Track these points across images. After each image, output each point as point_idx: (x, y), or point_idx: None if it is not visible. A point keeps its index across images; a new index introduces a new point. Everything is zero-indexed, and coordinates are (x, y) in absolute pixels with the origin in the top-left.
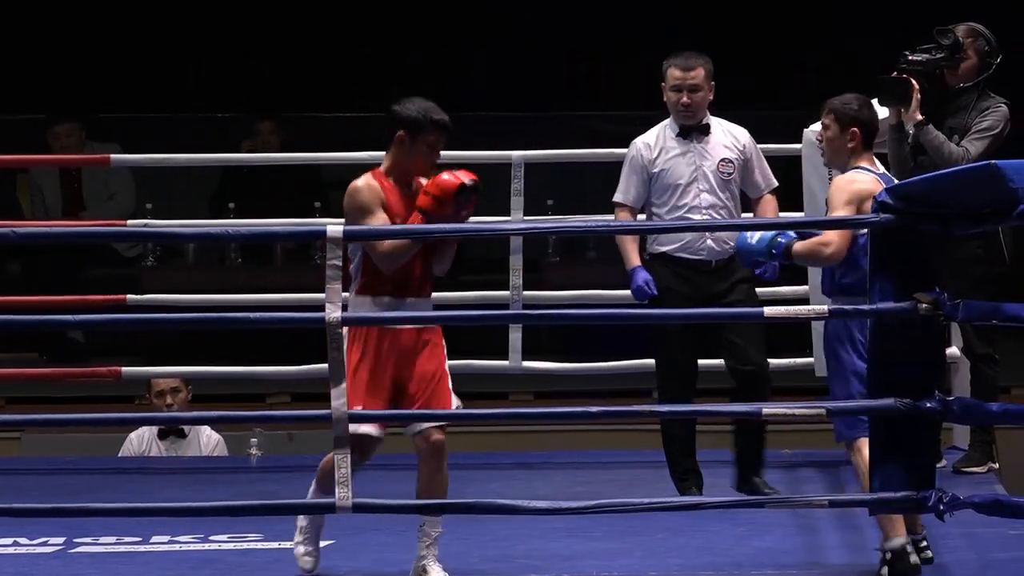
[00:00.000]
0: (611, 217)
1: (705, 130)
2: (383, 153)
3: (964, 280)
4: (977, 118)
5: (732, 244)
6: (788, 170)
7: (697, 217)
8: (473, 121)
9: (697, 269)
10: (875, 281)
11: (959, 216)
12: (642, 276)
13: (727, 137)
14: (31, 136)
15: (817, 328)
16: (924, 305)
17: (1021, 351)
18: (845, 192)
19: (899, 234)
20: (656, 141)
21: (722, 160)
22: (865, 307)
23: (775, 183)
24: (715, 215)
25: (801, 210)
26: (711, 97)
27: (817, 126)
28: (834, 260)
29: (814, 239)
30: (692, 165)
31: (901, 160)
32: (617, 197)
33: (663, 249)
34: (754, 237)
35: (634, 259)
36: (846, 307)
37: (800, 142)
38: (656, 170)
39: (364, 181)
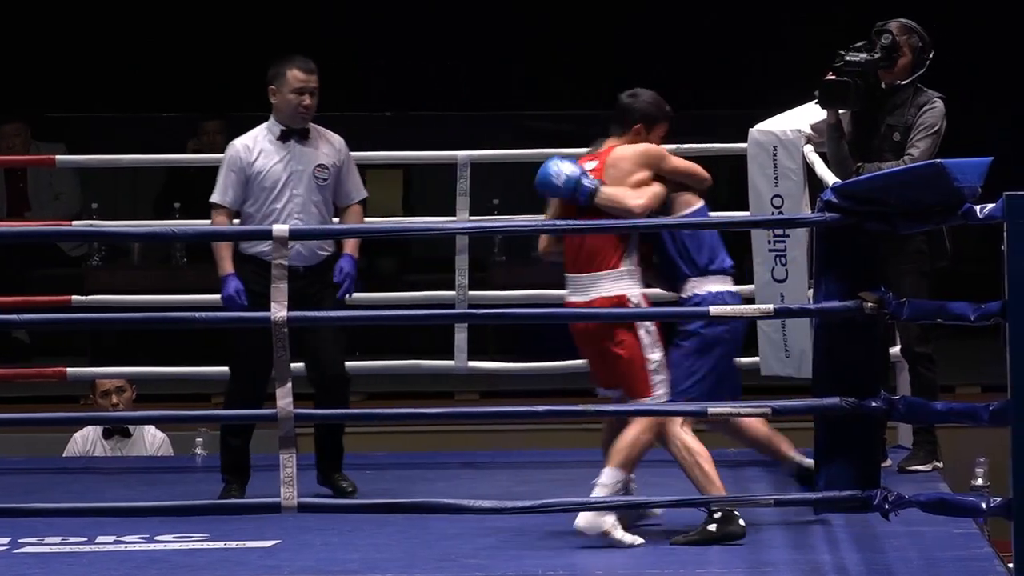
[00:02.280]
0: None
1: (305, 134)
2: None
3: (910, 274)
4: (917, 115)
5: (325, 251)
6: (734, 169)
7: (289, 221)
8: (423, 120)
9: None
10: (821, 280)
11: (905, 215)
12: (233, 285)
13: (325, 144)
14: None
15: (762, 327)
16: (869, 304)
17: (965, 350)
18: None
19: (845, 233)
20: (255, 143)
21: (318, 165)
22: (811, 306)
23: (365, 194)
24: (305, 220)
25: (747, 209)
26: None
27: (762, 124)
28: (637, 215)
29: (622, 189)
30: (289, 169)
31: (841, 159)
32: (214, 198)
33: (254, 251)
34: (560, 177)
35: (227, 266)
36: (792, 307)
37: (745, 141)
38: (253, 172)
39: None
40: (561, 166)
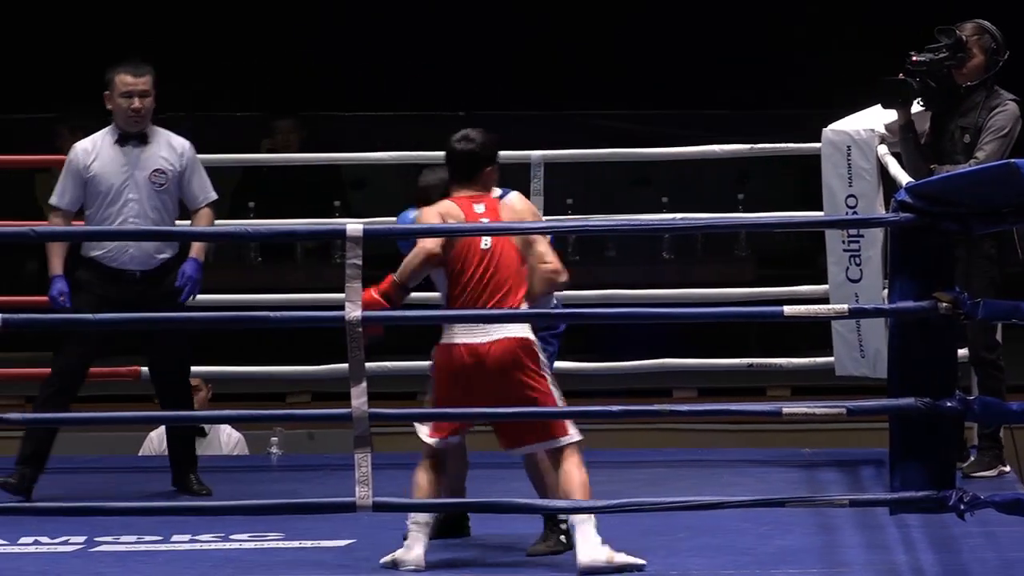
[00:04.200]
0: (624, 217)
1: (144, 139)
2: (401, 153)
3: (977, 280)
4: (987, 117)
5: (164, 255)
6: (808, 169)
7: (126, 227)
8: (494, 120)
9: (122, 278)
10: (895, 280)
11: (979, 215)
12: (59, 287)
13: (166, 148)
14: (44, 135)
15: (836, 327)
16: (944, 304)
17: None
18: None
19: (919, 233)
20: (95, 146)
21: (155, 170)
22: (885, 306)
23: (214, 196)
24: (143, 225)
25: (820, 209)
26: (154, 105)
27: (836, 124)
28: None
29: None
30: (125, 173)
31: (913, 161)
32: (53, 200)
33: (93, 254)
34: None
35: (57, 266)
36: (866, 307)
37: (819, 141)
38: (90, 175)
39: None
40: None
